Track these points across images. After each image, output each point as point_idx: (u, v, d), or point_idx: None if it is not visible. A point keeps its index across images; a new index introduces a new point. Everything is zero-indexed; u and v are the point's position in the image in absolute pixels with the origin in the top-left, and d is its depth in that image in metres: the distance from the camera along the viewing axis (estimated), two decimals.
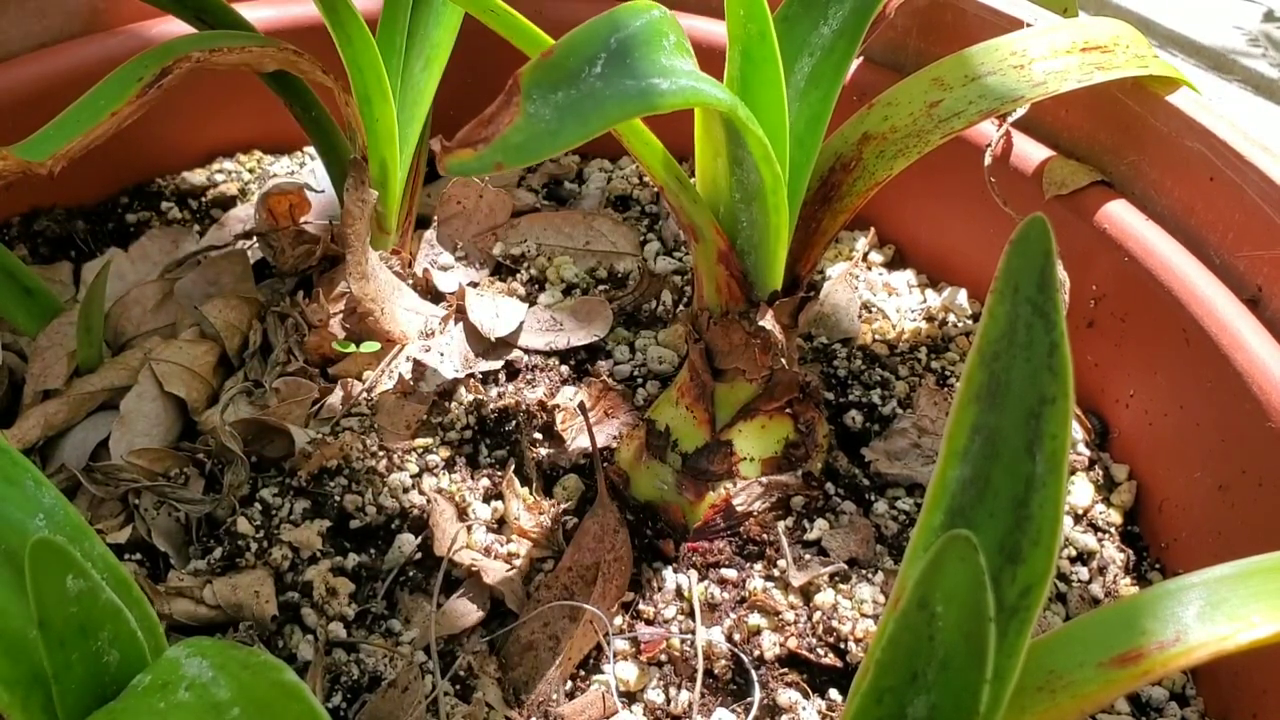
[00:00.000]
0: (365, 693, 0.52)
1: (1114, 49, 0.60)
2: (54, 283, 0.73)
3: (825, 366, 0.69)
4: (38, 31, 0.77)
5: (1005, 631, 0.30)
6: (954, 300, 0.75)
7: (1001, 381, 0.32)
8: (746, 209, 0.52)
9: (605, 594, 0.55)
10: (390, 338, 0.69)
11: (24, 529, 0.34)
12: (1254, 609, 0.30)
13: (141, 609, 0.34)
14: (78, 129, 0.55)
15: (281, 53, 0.63)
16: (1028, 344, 0.31)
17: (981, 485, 0.32)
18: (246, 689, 0.31)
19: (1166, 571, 0.60)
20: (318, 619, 0.55)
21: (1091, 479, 0.64)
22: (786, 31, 0.56)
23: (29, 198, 0.79)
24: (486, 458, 0.64)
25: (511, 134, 0.33)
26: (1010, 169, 0.69)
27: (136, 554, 0.58)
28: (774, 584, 0.56)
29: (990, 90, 0.57)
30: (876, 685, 0.29)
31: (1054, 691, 0.31)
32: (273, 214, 0.71)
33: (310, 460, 0.61)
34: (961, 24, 0.71)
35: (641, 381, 0.69)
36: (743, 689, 0.53)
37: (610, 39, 0.37)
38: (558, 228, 0.80)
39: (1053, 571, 0.31)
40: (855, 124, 0.59)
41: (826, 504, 0.60)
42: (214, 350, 0.68)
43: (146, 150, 0.84)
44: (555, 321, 0.72)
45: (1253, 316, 0.56)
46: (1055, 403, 0.31)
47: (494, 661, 0.54)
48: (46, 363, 0.65)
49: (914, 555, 0.33)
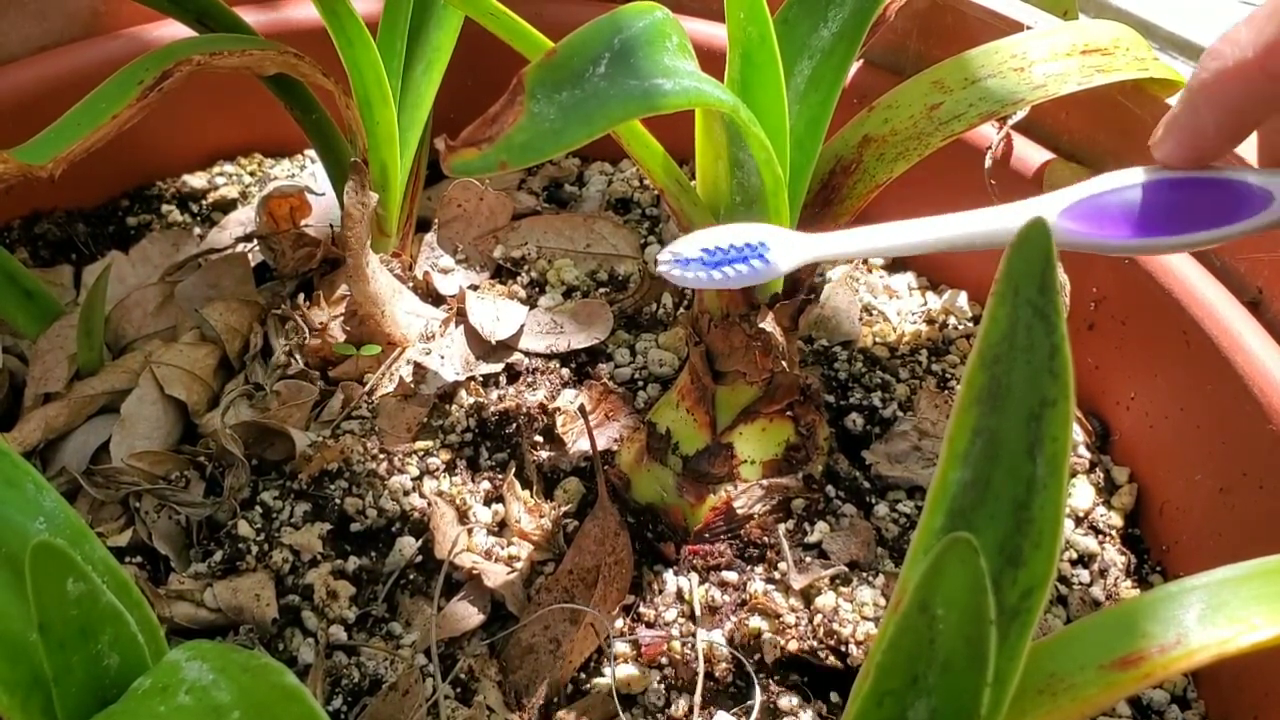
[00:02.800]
0: (366, 695, 0.52)
1: (1114, 51, 0.60)
2: (54, 286, 0.73)
3: (826, 369, 0.69)
4: (38, 34, 0.77)
5: (1006, 634, 0.30)
6: (954, 303, 0.75)
7: (1002, 384, 0.32)
8: (747, 211, 0.52)
9: (606, 597, 0.55)
10: (391, 340, 0.69)
11: (25, 532, 0.34)
12: (1255, 611, 0.30)
13: (142, 612, 0.34)
14: (78, 132, 0.55)
15: (282, 56, 0.63)
16: (1028, 346, 0.31)
17: (982, 488, 0.32)
18: (247, 692, 0.30)
19: (1168, 574, 0.60)
20: (318, 622, 0.55)
21: (1092, 481, 0.64)
22: (786, 34, 0.56)
23: (30, 201, 0.79)
24: (487, 460, 0.64)
25: (515, 133, 0.33)
26: (1011, 171, 0.69)
27: (137, 557, 0.58)
28: (775, 586, 0.56)
29: (990, 93, 0.57)
30: (877, 688, 0.29)
31: (1055, 694, 0.31)
32: (273, 217, 0.71)
33: (311, 463, 0.61)
34: (962, 27, 0.71)
35: (642, 384, 0.69)
36: (743, 691, 0.53)
37: (614, 39, 0.37)
38: (558, 230, 0.80)
39: (1054, 574, 0.30)
40: (855, 126, 0.59)
41: (827, 506, 0.60)
42: (214, 353, 0.68)
43: (147, 153, 0.84)
44: (556, 324, 0.72)
45: (1253, 319, 0.56)
46: (1056, 405, 0.31)
47: (494, 664, 0.54)
48: (47, 366, 0.65)
49: (915, 558, 0.33)
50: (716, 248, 0.42)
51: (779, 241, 0.42)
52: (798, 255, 0.42)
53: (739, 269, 0.42)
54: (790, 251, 0.42)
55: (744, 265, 0.42)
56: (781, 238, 0.42)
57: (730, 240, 0.42)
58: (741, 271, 0.42)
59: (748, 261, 0.42)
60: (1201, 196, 0.40)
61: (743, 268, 0.42)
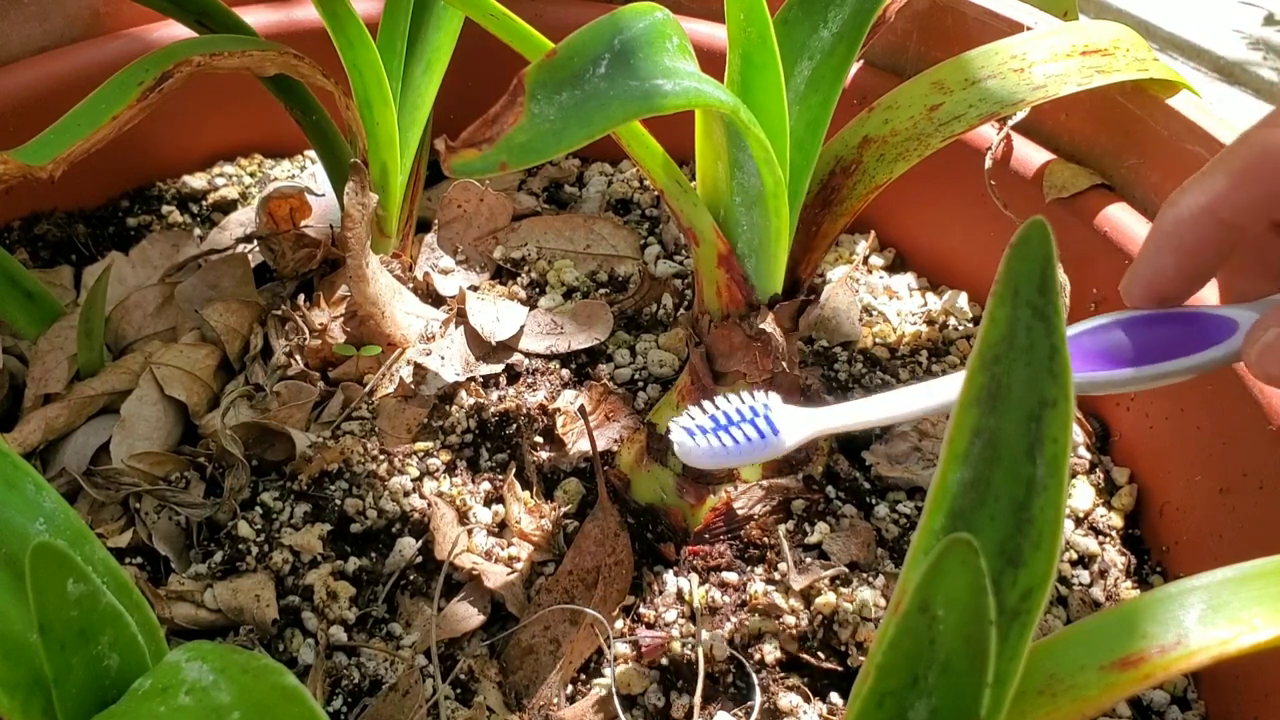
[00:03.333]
0: (366, 696, 0.52)
1: (1114, 52, 0.60)
2: (55, 286, 0.73)
3: (826, 370, 0.69)
4: (38, 35, 0.77)
5: (1006, 635, 0.30)
6: (954, 303, 0.75)
7: (1002, 385, 0.32)
8: (747, 212, 0.52)
9: (606, 597, 0.55)
10: (391, 341, 0.69)
11: (25, 533, 0.34)
12: (1255, 612, 0.30)
13: (142, 613, 0.34)
14: (78, 133, 0.55)
15: (282, 57, 0.63)
16: (1028, 347, 0.31)
17: (982, 489, 0.32)
18: (247, 693, 0.30)
19: (1168, 575, 0.60)
20: (318, 623, 0.55)
21: (1092, 482, 0.64)
22: (786, 35, 0.56)
23: (30, 202, 0.79)
24: (487, 461, 0.64)
25: (516, 134, 0.33)
26: (1010, 172, 0.69)
27: (137, 558, 0.58)
28: (775, 587, 0.56)
29: (990, 94, 0.57)
30: (877, 689, 0.29)
31: (1055, 695, 0.31)
32: (273, 218, 0.71)
33: (311, 464, 0.61)
34: (961, 27, 0.71)
35: (642, 385, 0.69)
36: (744, 692, 0.53)
37: (614, 40, 0.37)
38: (558, 231, 0.80)
39: (1054, 575, 0.30)
40: (855, 127, 0.59)
41: (827, 507, 0.60)
42: (215, 354, 0.68)
43: (147, 154, 0.84)
44: (556, 325, 0.72)
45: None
46: (1056, 406, 0.31)
47: (495, 665, 0.54)
48: (47, 366, 0.65)
49: (915, 558, 0.33)
50: (726, 415, 0.45)
51: (784, 415, 0.45)
52: (802, 430, 0.45)
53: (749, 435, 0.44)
54: (796, 425, 0.45)
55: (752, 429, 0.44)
56: (786, 412, 0.45)
57: (739, 407, 0.45)
58: (752, 440, 0.44)
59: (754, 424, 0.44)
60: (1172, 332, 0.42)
61: (752, 432, 0.44)
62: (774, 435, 0.44)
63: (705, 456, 0.44)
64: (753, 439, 0.44)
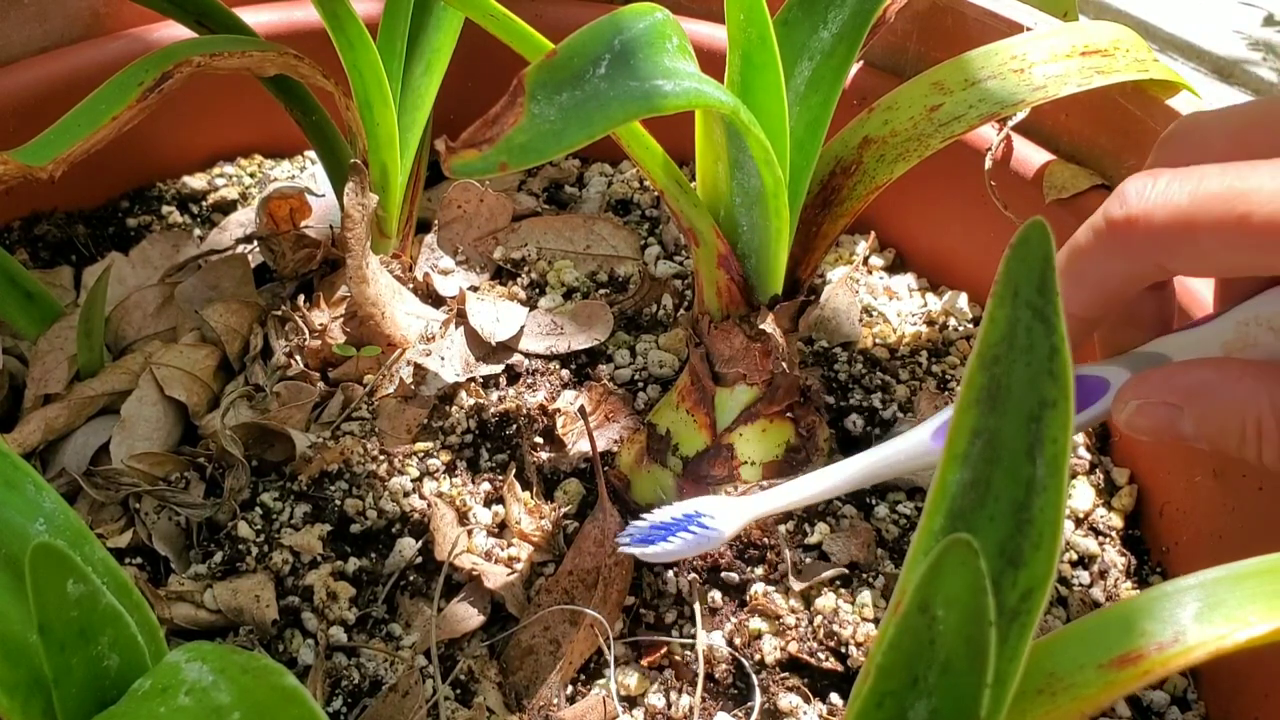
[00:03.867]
0: (366, 697, 0.52)
1: (1114, 53, 0.60)
2: (54, 287, 0.73)
3: (826, 370, 0.69)
4: (38, 36, 0.77)
5: (1006, 635, 0.30)
6: (954, 304, 0.75)
7: (1002, 385, 0.32)
8: (747, 213, 0.52)
9: (606, 598, 0.55)
10: (391, 342, 0.69)
11: (24, 533, 0.34)
12: (1251, 609, 0.30)
13: (142, 613, 0.34)
14: (78, 133, 0.55)
15: (282, 57, 0.63)
16: (1028, 348, 0.31)
17: (982, 489, 0.32)
18: (247, 693, 0.30)
19: (1168, 575, 0.60)
20: (318, 623, 0.55)
21: (1092, 483, 0.64)
22: (786, 35, 0.56)
23: (29, 202, 0.79)
24: (487, 461, 0.64)
25: (516, 134, 0.33)
26: (1010, 173, 0.69)
27: (137, 558, 0.58)
28: (775, 588, 0.56)
29: (990, 94, 0.57)
30: (877, 689, 0.29)
31: (1054, 694, 0.31)
32: (273, 218, 0.71)
33: (311, 464, 0.61)
34: (961, 28, 0.71)
35: (642, 385, 0.69)
36: (743, 693, 0.53)
37: (614, 40, 0.37)
38: (558, 231, 0.80)
39: (1054, 575, 0.30)
40: (855, 128, 0.59)
41: (827, 508, 0.60)
42: (214, 354, 0.68)
43: (147, 154, 0.84)
44: (556, 325, 0.72)
45: None
46: (1056, 406, 0.31)
47: (494, 666, 0.54)
48: (47, 367, 0.65)
49: (914, 559, 0.33)
50: (668, 521, 0.48)
51: (719, 508, 0.48)
52: (737, 518, 0.48)
53: (695, 534, 0.47)
54: (731, 515, 0.48)
55: (697, 528, 0.47)
56: (719, 505, 0.48)
57: (674, 514, 0.48)
58: (696, 535, 0.47)
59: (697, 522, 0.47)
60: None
61: (697, 530, 0.47)
62: (716, 531, 0.47)
63: (661, 555, 0.47)
64: (698, 533, 0.47)
